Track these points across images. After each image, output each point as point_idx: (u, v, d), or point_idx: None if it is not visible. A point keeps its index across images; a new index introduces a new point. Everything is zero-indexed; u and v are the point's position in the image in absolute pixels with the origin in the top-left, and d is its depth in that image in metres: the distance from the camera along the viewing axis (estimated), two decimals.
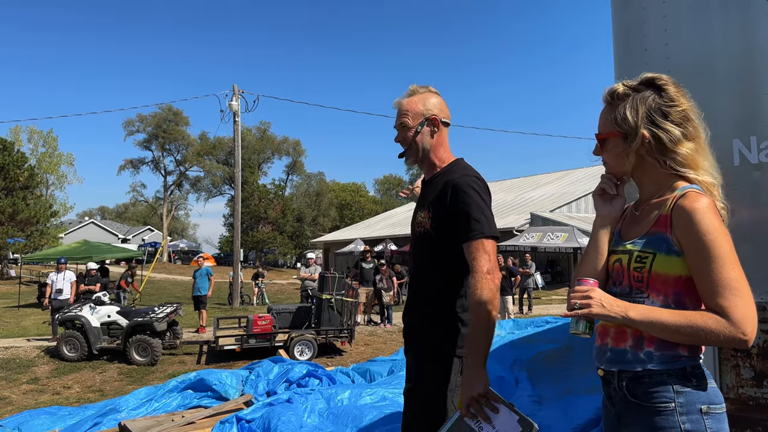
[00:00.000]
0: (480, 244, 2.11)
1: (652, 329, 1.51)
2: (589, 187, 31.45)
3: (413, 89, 2.37)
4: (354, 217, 64.63)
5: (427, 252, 2.27)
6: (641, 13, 3.24)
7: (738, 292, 1.45)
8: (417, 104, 2.33)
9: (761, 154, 2.71)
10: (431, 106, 2.34)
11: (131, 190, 63.42)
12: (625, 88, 1.67)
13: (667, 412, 1.50)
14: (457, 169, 2.30)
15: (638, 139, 1.62)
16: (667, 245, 1.55)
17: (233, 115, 20.75)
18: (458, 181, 2.21)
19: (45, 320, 13.49)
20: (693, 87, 2.96)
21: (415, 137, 2.32)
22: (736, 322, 1.42)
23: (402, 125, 2.34)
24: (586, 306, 1.52)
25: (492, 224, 2.17)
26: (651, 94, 1.63)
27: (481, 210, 2.16)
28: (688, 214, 1.50)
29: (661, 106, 1.61)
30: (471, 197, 2.16)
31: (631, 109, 1.63)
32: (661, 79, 1.65)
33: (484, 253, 2.10)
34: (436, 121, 2.34)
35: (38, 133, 48.22)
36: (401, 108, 2.35)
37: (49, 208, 36.23)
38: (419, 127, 2.32)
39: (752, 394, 2.76)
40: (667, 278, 1.55)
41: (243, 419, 4.81)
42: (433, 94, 2.38)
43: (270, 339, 10.16)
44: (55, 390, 8.56)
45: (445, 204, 2.21)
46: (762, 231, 2.68)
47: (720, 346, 2.74)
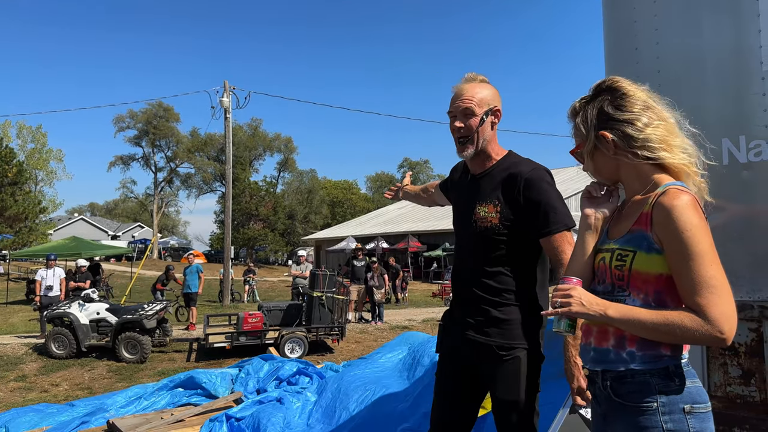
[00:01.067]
0: (563, 237, 2.12)
1: (631, 327, 1.51)
2: (578, 186, 31.57)
3: (473, 76, 2.30)
4: (346, 215, 64.57)
5: (495, 248, 2.21)
6: (632, 12, 3.25)
7: (716, 290, 1.43)
8: (483, 92, 2.26)
9: (750, 153, 2.73)
10: (495, 98, 2.29)
11: (121, 187, 62.92)
12: (580, 102, 1.71)
13: (649, 411, 1.51)
14: (521, 161, 2.28)
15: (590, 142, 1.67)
16: (647, 243, 1.55)
17: (224, 112, 20.66)
18: (531, 174, 2.19)
19: (33, 317, 13.38)
20: (683, 86, 2.98)
21: (480, 126, 2.25)
22: (712, 321, 1.41)
23: (466, 111, 2.24)
24: (567, 305, 1.52)
25: (570, 215, 2.18)
26: (604, 97, 1.66)
27: (559, 200, 2.17)
28: (667, 211, 1.49)
29: (614, 103, 1.63)
30: (548, 189, 2.16)
31: (583, 116, 1.68)
32: (610, 79, 1.68)
33: (568, 244, 2.10)
34: (499, 113, 2.30)
35: (27, 129, 47.81)
36: (466, 93, 2.25)
37: (38, 205, 35.91)
38: (485, 116, 2.25)
39: (740, 393, 2.78)
40: (647, 276, 1.54)
41: (232, 417, 4.80)
42: (492, 86, 2.32)
43: (260, 336, 10.14)
44: (43, 387, 8.50)
45: (518, 197, 2.17)
46: (750, 230, 2.69)
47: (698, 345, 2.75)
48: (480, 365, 2.24)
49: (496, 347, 2.17)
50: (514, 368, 2.15)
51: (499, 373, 2.17)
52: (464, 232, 2.34)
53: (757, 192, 2.68)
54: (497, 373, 2.17)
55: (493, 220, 2.20)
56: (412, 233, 30.86)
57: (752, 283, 2.69)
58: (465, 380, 2.31)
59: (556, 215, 2.12)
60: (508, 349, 2.16)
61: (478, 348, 2.22)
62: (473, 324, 2.24)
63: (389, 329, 12.97)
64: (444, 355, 2.40)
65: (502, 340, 2.17)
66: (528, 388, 2.15)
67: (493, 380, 2.20)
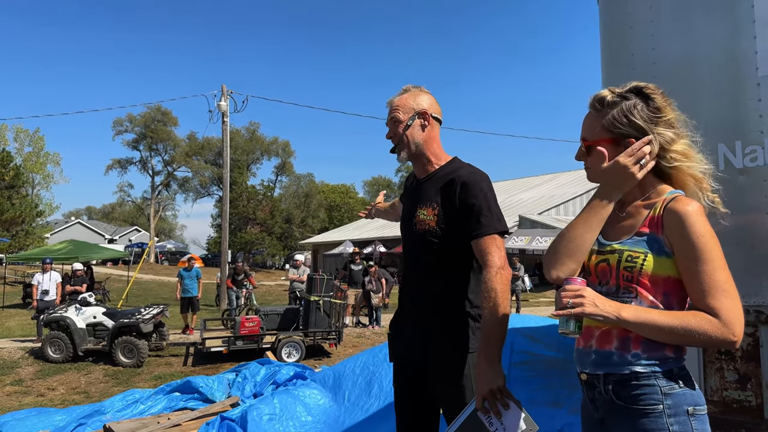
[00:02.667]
0: (492, 240, 2.13)
1: (644, 329, 1.51)
2: (577, 189, 31.65)
3: (406, 88, 2.40)
4: (343, 219, 64.56)
5: (434, 250, 2.24)
6: (628, 18, 3.26)
7: (728, 294, 1.48)
8: (408, 100, 2.34)
9: (746, 158, 2.74)
10: (422, 102, 2.35)
11: (118, 190, 62.95)
12: (613, 96, 1.67)
13: (655, 413, 1.51)
14: (461, 166, 2.32)
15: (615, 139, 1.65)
16: (658, 246, 1.57)
17: (222, 116, 20.66)
18: (468, 177, 2.22)
19: (30, 321, 13.34)
20: (679, 91, 2.99)
21: (406, 131, 2.32)
22: (727, 323, 1.45)
23: (393, 119, 2.35)
24: (579, 305, 1.50)
25: (503, 220, 2.20)
26: (639, 103, 1.65)
27: (492, 205, 2.19)
28: (680, 217, 1.53)
29: (650, 115, 1.63)
30: (482, 192, 2.18)
31: (621, 115, 1.64)
32: (649, 88, 1.66)
33: (496, 248, 2.11)
34: (426, 115, 2.34)
35: (24, 132, 47.83)
36: (393, 104, 2.36)
37: (35, 208, 35.89)
38: (410, 120, 2.32)
39: (736, 397, 2.78)
40: (657, 279, 1.56)
41: (227, 419, 4.79)
42: (425, 92, 2.39)
43: (257, 341, 10.11)
44: (39, 392, 8.47)
45: (454, 200, 2.20)
46: (746, 235, 2.71)
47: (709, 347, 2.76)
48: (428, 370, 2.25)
49: (439, 351, 2.20)
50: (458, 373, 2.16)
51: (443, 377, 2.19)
52: (405, 235, 2.41)
53: (753, 197, 2.69)
54: (442, 377, 2.19)
55: (431, 222, 2.24)
56: None
57: (748, 287, 2.70)
58: (420, 385, 2.32)
59: (487, 219, 2.14)
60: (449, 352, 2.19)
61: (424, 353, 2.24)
62: (415, 329, 2.28)
63: (386, 333, 12.96)
64: (396, 364, 2.43)
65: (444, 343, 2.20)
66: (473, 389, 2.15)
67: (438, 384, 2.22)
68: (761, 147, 2.70)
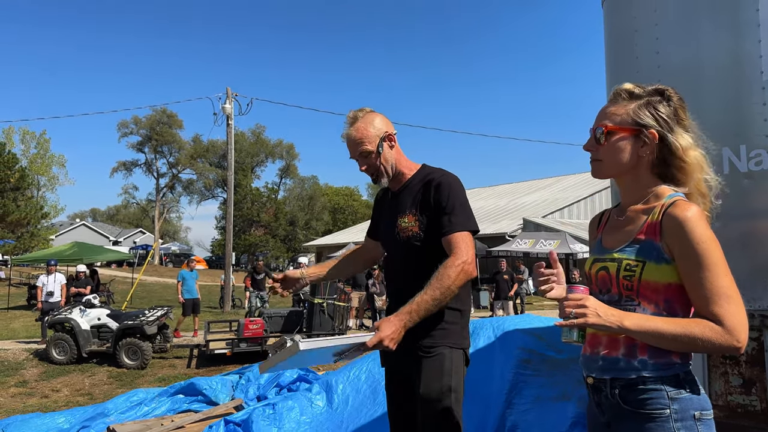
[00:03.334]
0: (463, 236, 2.23)
1: (648, 338, 1.51)
2: (581, 193, 31.59)
3: (353, 116, 2.43)
4: (347, 221, 64.57)
5: (419, 254, 2.32)
6: (632, 21, 3.26)
7: (731, 300, 1.46)
8: (367, 129, 2.38)
9: (750, 162, 2.74)
10: (380, 125, 2.41)
11: (123, 192, 63.01)
12: (640, 89, 1.67)
13: (662, 418, 1.51)
14: (432, 170, 2.43)
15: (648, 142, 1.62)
16: (657, 253, 1.55)
17: (226, 118, 20.73)
18: (441, 179, 2.34)
19: (34, 323, 13.38)
20: (683, 95, 2.99)
21: (380, 158, 2.39)
22: (731, 330, 1.44)
23: (362, 153, 2.39)
24: (582, 315, 1.50)
25: (473, 219, 2.31)
26: (663, 102, 1.65)
27: (464, 204, 2.30)
28: (680, 223, 1.51)
29: (674, 115, 1.63)
30: (455, 192, 2.30)
31: (649, 109, 1.63)
32: (670, 92, 1.66)
33: (465, 244, 2.21)
34: (391, 136, 2.43)
35: (30, 135, 48.00)
36: (354, 138, 2.39)
37: (40, 210, 36.00)
38: (380, 147, 2.38)
39: (741, 402, 2.77)
40: (657, 286, 1.55)
41: (231, 422, 4.80)
42: (374, 113, 2.45)
43: (261, 343, 10.12)
44: (43, 393, 8.49)
45: (430, 200, 2.31)
46: (750, 239, 2.70)
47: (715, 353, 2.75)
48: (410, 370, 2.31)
49: (423, 347, 2.27)
50: (437, 364, 2.24)
51: (422, 369, 2.25)
52: (390, 245, 2.49)
53: (758, 201, 2.69)
54: (421, 370, 2.25)
55: (414, 228, 2.34)
56: None
57: (752, 291, 2.70)
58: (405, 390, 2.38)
59: (458, 217, 2.25)
60: (431, 347, 2.26)
61: (407, 353, 2.28)
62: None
63: None
64: (387, 368, 2.50)
65: (428, 340, 2.27)
66: (451, 384, 2.22)
67: (417, 377, 2.26)
68: (766, 151, 2.69)
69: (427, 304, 2.10)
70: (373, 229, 2.75)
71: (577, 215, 30.88)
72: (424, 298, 2.10)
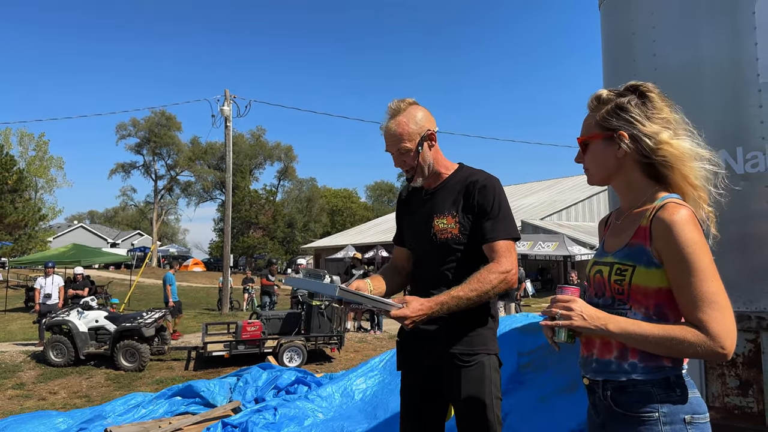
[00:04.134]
0: (508, 245, 2.16)
1: (633, 342, 1.51)
2: (579, 195, 31.63)
3: (395, 107, 2.29)
4: (345, 223, 64.57)
5: (458, 258, 2.23)
6: (630, 24, 3.27)
7: (717, 306, 1.44)
8: (408, 125, 2.25)
9: (747, 164, 2.75)
10: (422, 122, 2.27)
11: (121, 194, 62.89)
12: (609, 93, 1.67)
13: (651, 422, 1.51)
14: (474, 171, 2.33)
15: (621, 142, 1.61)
16: (646, 258, 1.55)
17: (224, 120, 20.73)
18: (486, 181, 2.24)
19: (32, 325, 13.36)
20: (680, 97, 2.99)
21: (418, 158, 2.27)
22: (714, 336, 1.43)
23: (400, 151, 2.27)
24: (567, 317, 1.52)
25: (516, 227, 2.24)
26: (635, 99, 1.63)
27: (508, 210, 2.23)
28: (667, 227, 1.49)
29: (645, 111, 1.61)
30: (499, 196, 2.22)
31: (612, 110, 1.63)
32: (646, 86, 1.65)
33: (509, 253, 2.14)
34: (433, 136, 2.30)
35: (29, 137, 47.93)
36: (394, 133, 2.26)
37: (38, 212, 35.97)
38: (419, 147, 2.26)
39: (737, 403, 2.78)
40: (647, 291, 1.54)
41: (229, 424, 4.79)
42: (417, 106, 2.32)
43: (259, 345, 10.10)
44: (41, 395, 8.47)
45: (474, 203, 2.21)
46: (747, 241, 2.71)
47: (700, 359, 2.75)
48: (442, 376, 2.24)
49: (459, 355, 2.19)
50: (477, 374, 2.18)
51: (462, 380, 2.18)
52: (423, 246, 2.34)
53: (754, 203, 2.69)
54: (461, 381, 2.18)
55: (453, 230, 2.23)
56: None
57: (750, 293, 2.70)
58: (429, 395, 2.30)
59: (503, 224, 2.18)
60: (470, 356, 2.19)
61: (440, 359, 2.22)
62: (434, 335, 2.24)
63: (388, 338, 12.95)
64: (406, 372, 2.40)
65: (464, 347, 2.19)
66: (491, 393, 2.17)
67: (456, 388, 2.19)
68: (762, 153, 2.70)
69: (459, 300, 2.03)
70: (401, 236, 2.57)
71: (575, 217, 30.91)
72: (460, 294, 2.03)
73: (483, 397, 2.15)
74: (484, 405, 2.14)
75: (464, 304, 2.04)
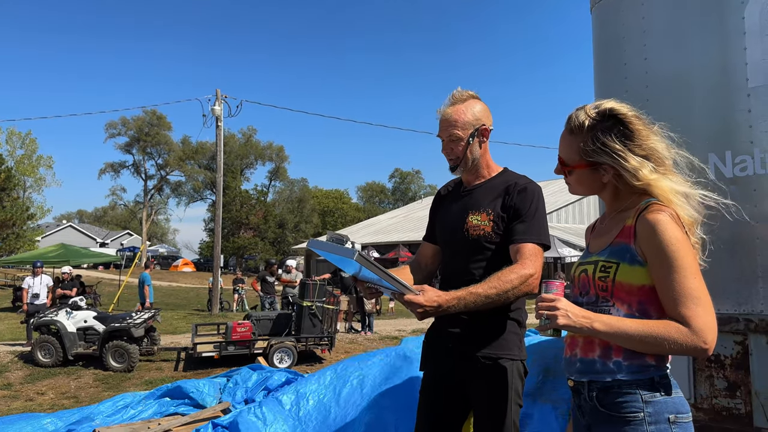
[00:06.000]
0: (535, 249, 2.11)
1: (618, 339, 1.53)
2: (568, 198, 31.75)
3: (457, 96, 2.28)
4: (336, 224, 64.51)
5: (487, 257, 2.20)
6: (621, 28, 3.30)
7: (699, 302, 1.48)
8: (465, 113, 2.24)
9: (736, 168, 2.77)
10: (479, 115, 2.26)
11: (111, 194, 62.59)
12: (590, 120, 1.68)
13: (636, 422, 1.53)
14: (519, 176, 2.30)
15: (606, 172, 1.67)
16: (630, 255, 1.58)
17: (216, 120, 20.65)
18: (527, 185, 2.22)
19: (19, 325, 13.24)
20: (670, 101, 3.03)
21: (467, 150, 2.25)
22: (697, 331, 1.46)
23: (451, 137, 2.25)
24: (552, 317, 1.53)
25: (547, 234, 2.20)
26: (615, 130, 1.65)
27: (543, 217, 2.19)
28: (651, 226, 1.54)
29: (626, 143, 1.63)
30: (537, 201, 2.19)
31: (593, 143, 1.65)
32: (624, 115, 1.66)
33: (536, 258, 2.08)
34: (486, 132, 2.28)
35: (17, 135, 47.53)
36: (449, 118, 2.25)
37: (26, 211, 35.62)
38: (470, 138, 2.24)
39: (725, 405, 2.80)
40: (631, 288, 1.58)
41: (219, 425, 4.77)
42: (477, 100, 2.30)
43: (249, 346, 10.07)
44: (28, 396, 8.40)
45: (511, 203, 2.18)
46: (735, 244, 2.73)
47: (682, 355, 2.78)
48: (466, 378, 2.22)
49: (483, 358, 2.17)
50: (500, 378, 2.15)
51: (483, 383, 2.16)
52: (454, 242, 2.31)
53: (743, 207, 2.72)
54: (482, 384, 2.16)
55: (486, 228, 2.20)
56: (403, 243, 30.88)
57: (738, 296, 2.73)
58: (450, 398, 2.28)
59: (535, 228, 2.14)
60: (494, 359, 2.16)
61: (465, 361, 2.20)
62: (461, 336, 2.22)
63: (379, 339, 12.95)
64: (428, 373, 2.37)
65: (490, 351, 2.17)
66: (512, 399, 2.15)
67: (477, 391, 2.18)
68: (751, 157, 2.73)
69: (477, 297, 1.96)
70: (432, 232, 2.51)
71: (565, 219, 31.05)
72: (478, 291, 1.96)
73: (503, 402, 2.13)
74: (503, 410, 2.12)
75: (482, 302, 1.97)
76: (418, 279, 2.44)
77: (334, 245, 1.96)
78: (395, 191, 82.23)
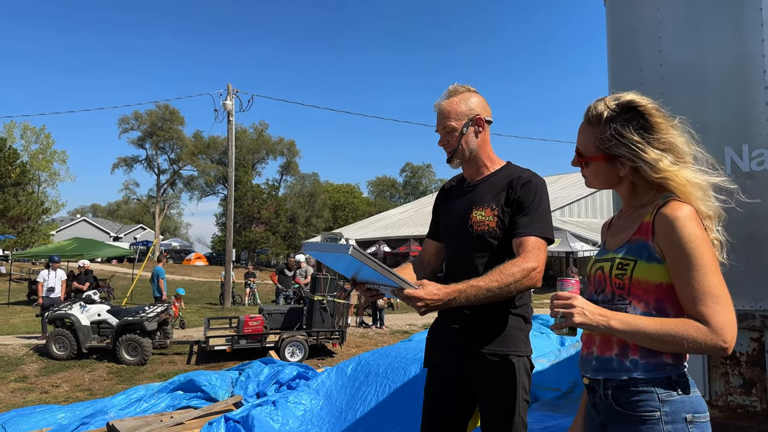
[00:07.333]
0: (539, 243, 2.08)
1: (635, 338, 1.51)
2: (581, 191, 31.56)
3: (453, 89, 2.30)
4: (347, 219, 64.56)
5: (492, 252, 2.18)
6: (635, 20, 3.25)
7: (718, 300, 1.45)
8: (459, 105, 2.26)
9: (753, 162, 2.73)
10: (474, 106, 2.27)
11: (124, 188, 63.27)
12: (609, 112, 1.64)
13: (652, 421, 1.50)
14: (522, 169, 2.29)
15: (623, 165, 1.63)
16: (648, 252, 1.55)
17: (227, 115, 20.70)
18: (531, 178, 2.21)
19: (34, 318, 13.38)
20: (685, 94, 2.98)
21: (461, 140, 2.26)
22: (717, 330, 1.43)
23: (446, 129, 2.26)
24: (569, 315, 1.51)
25: (552, 228, 2.18)
26: (634, 122, 1.61)
27: (547, 210, 2.17)
28: (670, 222, 1.50)
29: (645, 137, 1.60)
30: (541, 195, 2.17)
31: (612, 136, 1.62)
32: (644, 107, 1.62)
33: (539, 251, 2.06)
34: (481, 121, 2.28)
35: (31, 130, 47.89)
36: (443, 110, 2.27)
37: (41, 205, 35.93)
38: (464, 128, 2.25)
39: (741, 402, 2.77)
40: (648, 285, 1.55)
41: (231, 419, 4.79)
42: (473, 93, 2.31)
43: (261, 340, 10.13)
44: (43, 389, 8.50)
45: (515, 197, 2.17)
46: (752, 239, 2.69)
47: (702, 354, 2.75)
48: (471, 375, 2.21)
49: (489, 355, 2.15)
50: (506, 374, 2.13)
51: (490, 380, 2.14)
52: (458, 238, 2.30)
53: (760, 201, 2.67)
54: (488, 380, 2.15)
55: (490, 223, 2.19)
56: (414, 237, 30.85)
57: (755, 292, 2.69)
58: (455, 394, 2.26)
59: (538, 221, 2.12)
60: (502, 356, 2.15)
61: (471, 357, 2.19)
62: (465, 332, 2.21)
63: (390, 334, 12.96)
64: (432, 370, 2.36)
65: (496, 347, 2.15)
66: (519, 395, 2.13)
67: (483, 387, 2.16)
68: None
69: (479, 290, 1.94)
70: (435, 229, 2.50)
71: (578, 213, 30.86)
72: (480, 284, 1.94)
73: (510, 398, 2.11)
74: (511, 406, 2.11)
75: (483, 295, 1.95)
76: (421, 277, 2.41)
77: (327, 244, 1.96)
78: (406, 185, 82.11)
